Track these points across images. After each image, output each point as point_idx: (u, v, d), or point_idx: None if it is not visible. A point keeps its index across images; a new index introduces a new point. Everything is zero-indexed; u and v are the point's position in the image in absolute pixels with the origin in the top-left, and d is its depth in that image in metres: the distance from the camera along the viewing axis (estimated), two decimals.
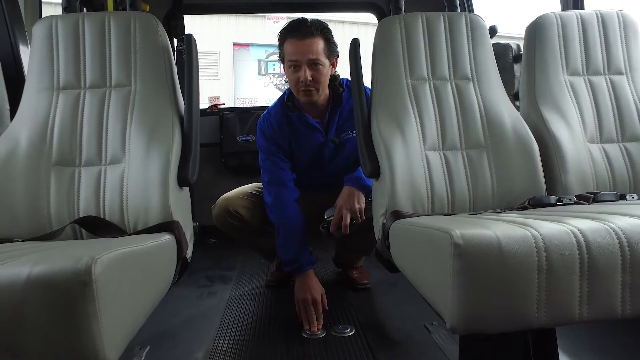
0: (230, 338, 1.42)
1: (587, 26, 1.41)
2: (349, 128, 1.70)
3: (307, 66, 1.53)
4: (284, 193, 1.64)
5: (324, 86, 1.61)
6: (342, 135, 1.71)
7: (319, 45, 1.53)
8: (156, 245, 0.90)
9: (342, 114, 1.69)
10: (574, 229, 0.71)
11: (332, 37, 1.60)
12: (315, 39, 1.53)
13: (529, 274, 0.68)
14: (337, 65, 1.67)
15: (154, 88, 1.23)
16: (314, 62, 1.54)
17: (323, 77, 1.58)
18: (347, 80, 1.75)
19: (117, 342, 0.67)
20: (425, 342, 1.35)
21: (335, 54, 1.61)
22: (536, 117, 1.35)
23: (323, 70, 1.56)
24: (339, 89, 1.68)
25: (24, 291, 0.58)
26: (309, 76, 1.53)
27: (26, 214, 1.10)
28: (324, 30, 1.56)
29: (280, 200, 1.63)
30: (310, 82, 1.55)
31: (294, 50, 1.53)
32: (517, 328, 0.70)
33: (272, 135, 1.69)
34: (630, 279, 0.69)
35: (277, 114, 1.71)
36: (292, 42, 1.54)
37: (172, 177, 1.13)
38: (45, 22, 1.24)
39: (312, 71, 1.54)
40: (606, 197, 1.12)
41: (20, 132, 1.17)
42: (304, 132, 1.69)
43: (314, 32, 1.52)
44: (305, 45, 1.52)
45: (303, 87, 1.56)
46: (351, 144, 1.70)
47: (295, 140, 1.70)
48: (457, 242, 0.67)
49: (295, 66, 1.55)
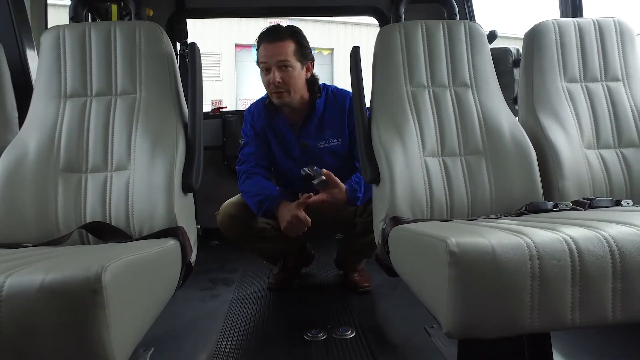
0: (233, 340, 1.45)
1: (584, 34, 1.43)
2: (330, 136, 1.74)
3: (277, 68, 1.60)
4: (254, 168, 1.74)
5: (295, 89, 1.66)
6: (321, 142, 1.75)
7: (289, 48, 1.60)
8: (162, 251, 0.93)
9: (323, 120, 1.74)
10: (566, 237, 0.73)
11: (304, 41, 1.66)
12: (285, 42, 1.60)
13: (523, 281, 0.70)
14: (312, 70, 1.73)
15: (158, 96, 1.25)
16: (283, 64, 1.60)
17: (293, 80, 1.63)
18: (333, 87, 1.79)
19: (126, 346, 0.69)
20: (425, 345, 1.37)
21: (308, 58, 1.67)
22: (534, 123, 1.37)
23: (293, 72, 1.62)
24: (315, 94, 1.73)
25: (37, 298, 0.61)
26: (278, 77, 1.60)
27: (35, 219, 1.13)
28: (295, 34, 1.63)
29: (249, 172, 1.72)
30: (280, 83, 1.61)
31: (265, 53, 1.62)
32: (511, 333, 0.72)
33: (252, 121, 1.79)
34: (620, 286, 0.71)
35: (258, 104, 1.82)
36: (265, 45, 1.62)
37: (177, 184, 1.15)
38: (53, 31, 1.27)
39: (281, 73, 1.61)
40: (602, 203, 1.14)
41: (29, 139, 1.20)
42: (279, 128, 1.78)
43: (283, 35, 1.60)
44: (275, 48, 1.60)
45: (274, 89, 1.63)
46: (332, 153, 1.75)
47: (272, 133, 1.78)
48: (453, 250, 0.69)
49: (267, 69, 1.63)
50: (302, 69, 1.67)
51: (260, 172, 1.74)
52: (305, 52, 1.66)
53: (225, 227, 1.77)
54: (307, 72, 1.70)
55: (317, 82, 1.76)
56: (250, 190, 1.68)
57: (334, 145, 1.76)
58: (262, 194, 1.65)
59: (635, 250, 0.72)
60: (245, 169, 1.74)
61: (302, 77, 1.68)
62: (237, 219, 1.72)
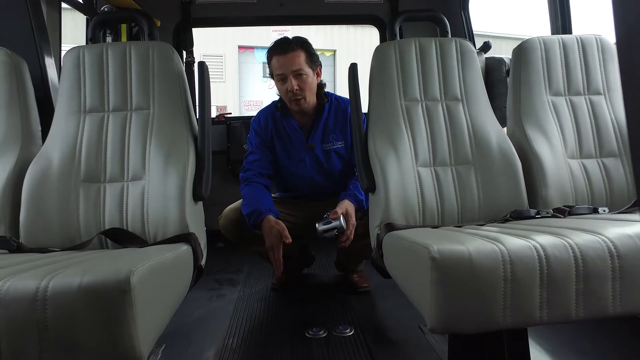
0: (239, 337, 1.53)
1: (568, 50, 1.53)
2: (335, 139, 1.86)
3: (293, 77, 1.73)
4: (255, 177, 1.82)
5: (310, 93, 1.79)
6: (326, 144, 1.86)
7: (301, 57, 1.73)
8: (177, 255, 1.03)
9: (328, 123, 1.85)
10: (536, 244, 0.83)
11: (312, 49, 1.79)
12: (296, 52, 1.73)
13: (496, 283, 0.80)
14: (321, 75, 1.86)
15: (170, 111, 1.35)
16: (298, 72, 1.73)
17: (308, 86, 1.76)
18: (336, 96, 1.92)
19: (149, 339, 0.79)
20: (419, 342, 1.46)
21: (317, 63, 1.80)
22: (520, 135, 1.47)
23: (307, 79, 1.75)
24: (323, 99, 1.85)
25: (76, 298, 0.71)
26: (295, 85, 1.72)
27: (59, 226, 1.23)
28: (304, 44, 1.76)
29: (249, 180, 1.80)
30: (297, 90, 1.73)
31: (279, 65, 1.73)
32: (487, 329, 0.82)
33: (258, 129, 1.89)
34: (583, 287, 0.81)
35: (265, 111, 1.92)
36: (277, 57, 1.74)
37: (188, 193, 1.25)
38: (74, 52, 1.37)
39: (298, 80, 1.73)
40: (580, 211, 1.24)
41: (53, 151, 1.30)
42: (287, 134, 1.86)
43: (294, 46, 1.73)
44: (288, 59, 1.72)
45: (292, 97, 1.75)
46: (337, 154, 1.86)
47: (278, 140, 1.87)
48: (435, 256, 0.79)
49: (283, 79, 1.74)
50: (314, 75, 1.80)
51: (261, 180, 1.82)
52: (314, 59, 1.79)
53: (227, 231, 1.86)
54: (317, 77, 1.83)
55: (324, 86, 1.88)
56: (245, 202, 1.77)
57: (338, 147, 1.86)
58: (252, 206, 1.72)
59: (596, 256, 0.82)
60: (246, 176, 1.83)
61: (315, 83, 1.81)
62: (238, 224, 1.81)
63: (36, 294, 0.71)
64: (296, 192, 1.92)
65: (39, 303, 0.71)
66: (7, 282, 0.73)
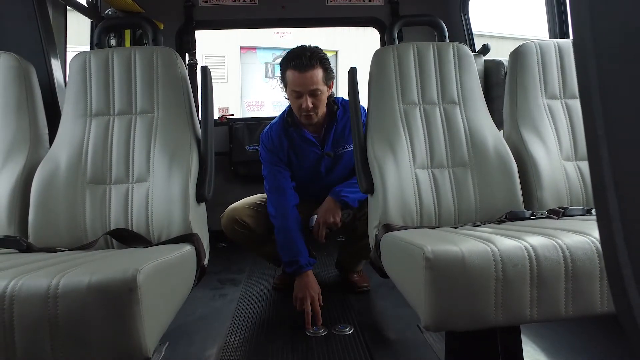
0: (241, 335, 1.57)
1: (563, 54, 1.55)
2: (344, 143, 1.87)
3: (308, 95, 1.70)
4: (283, 200, 1.81)
5: (322, 108, 1.79)
6: (338, 149, 1.88)
7: (319, 76, 1.69)
8: (181, 255, 1.06)
9: (337, 129, 1.86)
10: (527, 244, 0.86)
11: (329, 65, 1.76)
12: (315, 70, 1.68)
13: (488, 283, 0.83)
14: (333, 87, 1.84)
15: (174, 114, 1.39)
16: (315, 92, 1.70)
17: (321, 103, 1.75)
18: (341, 99, 1.92)
19: (154, 335, 0.83)
20: (417, 341, 1.49)
21: (332, 78, 1.78)
22: (516, 137, 1.50)
23: (322, 96, 1.74)
24: (333, 106, 1.85)
25: (86, 295, 0.74)
26: (310, 104, 1.71)
27: (66, 227, 1.27)
28: (322, 61, 1.71)
29: (280, 206, 1.80)
30: (311, 108, 1.72)
31: (297, 82, 1.69)
32: (479, 327, 0.85)
33: (272, 148, 1.86)
34: (572, 287, 0.84)
35: (277, 128, 1.88)
36: (294, 73, 1.69)
37: (191, 194, 1.28)
38: (80, 57, 1.41)
39: (313, 98, 1.71)
40: (574, 212, 1.27)
41: (60, 154, 1.34)
42: (302, 146, 1.86)
43: (314, 63, 1.68)
44: (306, 78, 1.68)
45: (305, 113, 1.74)
46: (347, 157, 1.88)
47: (294, 154, 1.87)
48: (428, 256, 0.82)
49: (298, 96, 1.72)
50: (327, 89, 1.77)
51: (294, 211, 1.81)
52: (330, 75, 1.75)
53: (228, 231, 1.88)
54: (329, 90, 1.80)
55: (333, 95, 1.87)
56: (283, 244, 1.78)
57: (349, 150, 1.87)
58: (292, 256, 1.76)
59: (585, 256, 0.85)
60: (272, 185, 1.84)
61: (326, 96, 1.78)
62: (240, 223, 1.84)
63: (48, 291, 0.75)
64: (306, 194, 1.94)
65: (51, 300, 0.74)
66: (20, 280, 0.77)
